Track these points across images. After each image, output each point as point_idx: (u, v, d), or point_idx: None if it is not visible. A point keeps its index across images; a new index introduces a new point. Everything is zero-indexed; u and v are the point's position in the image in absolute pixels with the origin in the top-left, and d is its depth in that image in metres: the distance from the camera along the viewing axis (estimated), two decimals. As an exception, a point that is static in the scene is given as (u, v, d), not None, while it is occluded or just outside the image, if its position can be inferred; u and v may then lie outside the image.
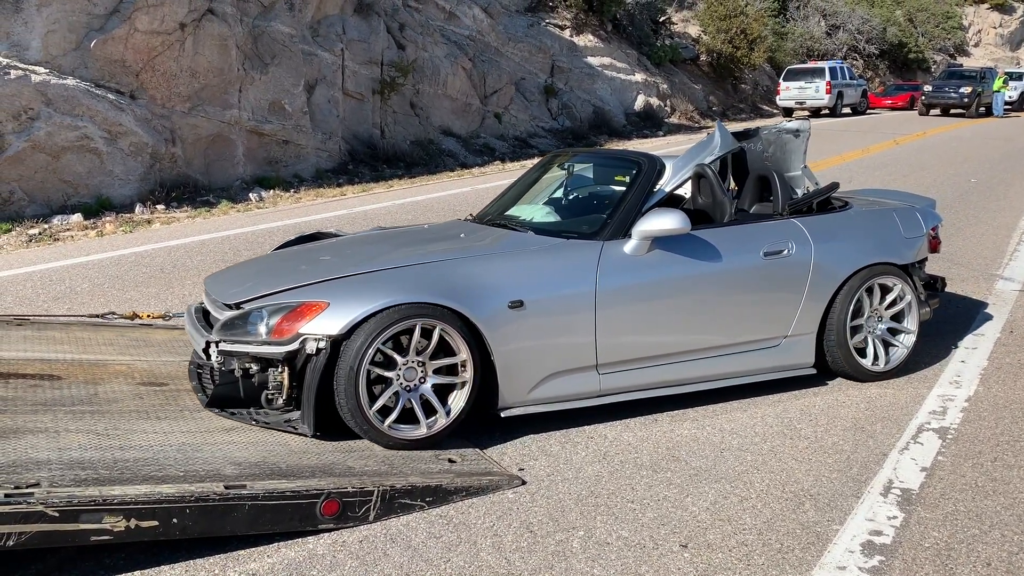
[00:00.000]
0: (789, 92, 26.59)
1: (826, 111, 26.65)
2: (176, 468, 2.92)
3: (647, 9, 24.00)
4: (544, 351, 3.71)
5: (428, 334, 3.47)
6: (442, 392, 3.56)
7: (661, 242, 3.97)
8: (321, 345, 3.34)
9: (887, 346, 4.55)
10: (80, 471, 2.77)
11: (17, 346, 4.18)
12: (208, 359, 3.58)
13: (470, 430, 3.76)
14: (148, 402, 3.61)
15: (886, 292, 4.51)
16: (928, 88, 28.40)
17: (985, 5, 46.30)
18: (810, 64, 27.81)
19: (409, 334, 3.43)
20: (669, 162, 4.33)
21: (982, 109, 27.75)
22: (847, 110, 27.99)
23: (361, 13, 14.09)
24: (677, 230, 3.89)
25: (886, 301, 4.51)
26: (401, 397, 3.46)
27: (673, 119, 22.69)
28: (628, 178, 4.27)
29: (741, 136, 5.04)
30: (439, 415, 3.51)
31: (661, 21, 25.44)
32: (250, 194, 10.72)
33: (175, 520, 2.67)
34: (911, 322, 4.56)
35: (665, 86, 23.20)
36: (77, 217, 8.90)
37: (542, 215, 4.55)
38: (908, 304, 4.54)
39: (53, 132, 9.07)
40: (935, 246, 4.95)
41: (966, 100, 27.19)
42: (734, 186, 5.08)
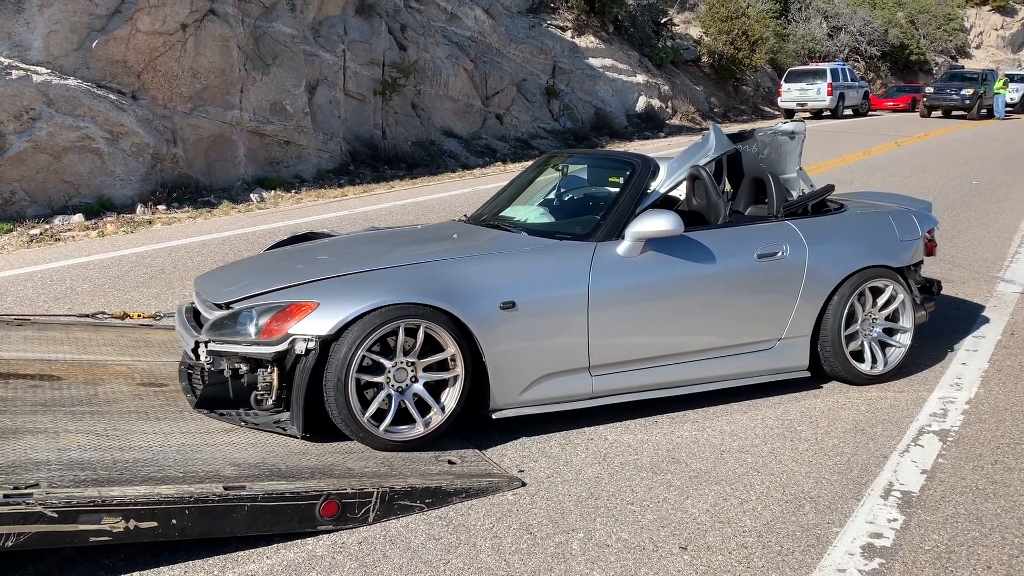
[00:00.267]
0: (790, 94, 26.58)
1: (827, 113, 26.64)
2: (175, 469, 2.92)
3: (648, 10, 24.01)
4: (536, 352, 3.70)
5: (413, 333, 3.45)
6: (435, 391, 3.54)
7: (654, 243, 3.96)
8: (311, 345, 3.32)
9: (884, 347, 4.54)
10: (79, 472, 2.77)
11: (17, 346, 4.18)
12: (197, 359, 3.56)
13: (469, 432, 3.76)
14: (148, 403, 3.61)
15: (879, 294, 4.50)
16: (930, 90, 28.43)
17: (987, 7, 46.34)
18: (812, 66, 27.83)
19: (395, 335, 3.41)
20: (664, 163, 4.32)
21: (983, 111, 27.75)
22: (849, 112, 27.99)
23: (363, 14, 14.09)
24: (670, 231, 3.88)
25: (879, 303, 4.50)
26: (394, 399, 3.45)
27: (674, 120, 22.70)
28: (622, 179, 4.26)
29: (736, 138, 5.03)
30: (434, 412, 3.50)
31: (662, 22, 25.45)
32: (251, 195, 10.72)
33: (174, 521, 2.67)
34: (906, 320, 4.54)
35: (666, 87, 23.20)
36: (78, 217, 8.90)
37: (536, 216, 4.53)
38: (902, 303, 4.53)
39: (54, 132, 9.07)
40: (931, 249, 4.94)
41: (968, 102, 27.21)
42: (729, 188, 5.08)
